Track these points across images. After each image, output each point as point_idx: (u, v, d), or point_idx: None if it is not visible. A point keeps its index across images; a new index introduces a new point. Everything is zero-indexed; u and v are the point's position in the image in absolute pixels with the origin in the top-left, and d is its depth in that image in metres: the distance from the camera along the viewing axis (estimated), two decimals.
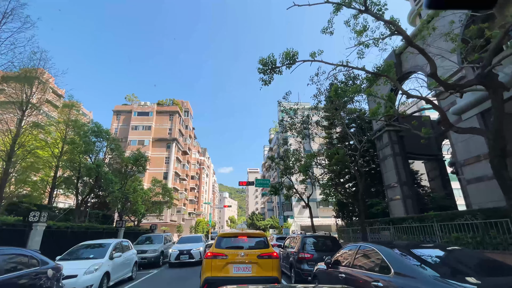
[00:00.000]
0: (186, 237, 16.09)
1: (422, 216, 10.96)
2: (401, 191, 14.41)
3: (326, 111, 15.27)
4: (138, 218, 24.99)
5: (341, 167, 11.65)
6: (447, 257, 3.60)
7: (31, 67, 14.66)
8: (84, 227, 13.49)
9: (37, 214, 9.77)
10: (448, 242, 9.17)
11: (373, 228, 13.65)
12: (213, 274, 5.68)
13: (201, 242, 14.77)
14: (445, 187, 18.90)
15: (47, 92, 16.62)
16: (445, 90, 5.82)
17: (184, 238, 15.48)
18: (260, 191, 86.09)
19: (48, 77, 18.53)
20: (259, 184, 25.20)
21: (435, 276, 2.78)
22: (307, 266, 7.61)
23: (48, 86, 17.67)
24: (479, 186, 9.86)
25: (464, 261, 3.47)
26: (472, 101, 9.87)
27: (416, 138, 16.91)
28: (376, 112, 7.92)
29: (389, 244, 3.92)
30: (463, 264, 3.37)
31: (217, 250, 6.02)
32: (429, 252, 3.68)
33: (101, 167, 14.00)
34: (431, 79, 9.66)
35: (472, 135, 10.18)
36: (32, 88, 15.22)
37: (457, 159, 10.90)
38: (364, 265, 3.96)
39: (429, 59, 5.36)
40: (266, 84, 7.07)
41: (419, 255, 3.51)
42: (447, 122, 6.07)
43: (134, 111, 52.77)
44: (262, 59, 6.67)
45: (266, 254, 5.98)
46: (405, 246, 3.79)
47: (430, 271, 2.98)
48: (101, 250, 8.76)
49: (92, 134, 15.35)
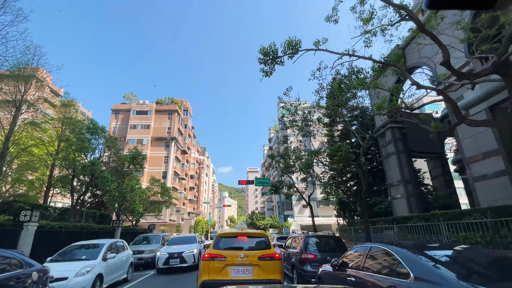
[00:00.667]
0: (178, 237, 13.67)
1: (428, 215, 10.64)
2: (404, 190, 14.07)
3: (328, 108, 14.90)
4: (136, 217, 24.61)
5: (343, 164, 11.27)
6: (470, 259, 3.23)
7: (24, 62, 14.27)
8: (79, 227, 13.10)
9: (28, 213, 9.37)
10: (455, 242, 8.84)
11: (376, 227, 13.33)
12: (210, 277, 5.30)
13: (195, 243, 12.56)
14: (448, 186, 18.61)
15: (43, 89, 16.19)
16: (458, 80, 5.45)
17: (175, 239, 13.24)
18: (260, 190, 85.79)
19: (46, 76, 18.15)
20: (259, 183, 24.84)
21: (465, 285, 2.41)
22: (310, 267, 7.24)
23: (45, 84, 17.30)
24: (487, 184, 9.53)
25: (490, 263, 3.10)
26: (481, 95, 9.52)
27: (419, 135, 16.69)
28: (381, 106, 7.54)
29: (405, 245, 3.54)
30: (489, 267, 3.01)
31: (215, 251, 5.64)
32: (450, 253, 3.32)
33: (96, 165, 13.56)
34: (439, 72, 9.33)
35: (481, 131, 9.85)
36: (27, 85, 14.81)
37: (464, 155, 10.56)
38: (377, 268, 3.58)
39: (441, 45, 4.98)
40: (267, 75, 6.69)
41: (440, 258, 3.14)
42: (460, 114, 5.70)
43: (133, 110, 52.28)
44: (262, 48, 6.27)
45: (267, 255, 5.61)
46: (423, 247, 3.42)
47: (453, 275, 2.61)
48: (94, 251, 8.37)
49: (87, 131, 14.91)
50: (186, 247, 11.62)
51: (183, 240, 13.02)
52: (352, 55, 6.00)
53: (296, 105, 15.34)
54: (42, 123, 17.66)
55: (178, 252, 11.08)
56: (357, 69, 10.71)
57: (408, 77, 5.68)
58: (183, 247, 11.66)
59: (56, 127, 17.80)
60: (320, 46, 6.20)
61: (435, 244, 3.75)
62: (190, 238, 13.32)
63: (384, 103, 7.66)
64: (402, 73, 5.75)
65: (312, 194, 20.64)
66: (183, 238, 13.51)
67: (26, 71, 14.49)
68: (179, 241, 12.67)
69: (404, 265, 3.05)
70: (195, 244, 12.27)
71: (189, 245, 11.97)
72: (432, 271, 2.77)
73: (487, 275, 2.83)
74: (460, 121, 5.77)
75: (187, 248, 11.56)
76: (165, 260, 10.81)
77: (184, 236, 14.19)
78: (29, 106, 15.72)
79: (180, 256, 10.97)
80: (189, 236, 14.30)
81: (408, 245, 3.57)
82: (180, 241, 12.67)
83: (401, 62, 5.94)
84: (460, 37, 7.83)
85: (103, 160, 18.57)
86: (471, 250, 3.72)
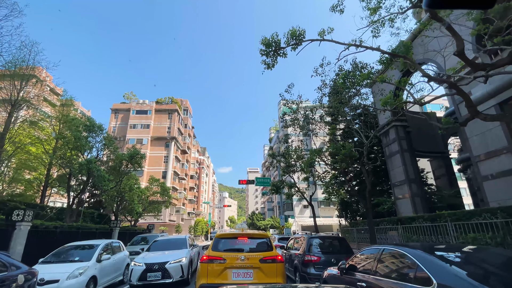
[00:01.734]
0: (163, 240, 10.26)
1: (434, 215, 10.31)
2: (409, 189, 13.73)
3: (330, 106, 14.59)
4: (135, 217, 24.29)
5: (347, 163, 10.94)
6: (496, 264, 2.89)
7: (20, 59, 13.97)
8: (75, 227, 12.76)
9: (21, 212, 9.04)
10: (464, 243, 8.53)
11: (380, 228, 13.02)
12: (209, 281, 4.97)
13: (185, 247, 9.36)
14: (451, 186, 18.30)
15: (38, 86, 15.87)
16: (473, 71, 5.12)
17: (159, 243, 9.82)
18: (260, 190, 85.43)
19: (46, 75, 17.87)
20: (259, 183, 24.50)
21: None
22: (314, 269, 6.90)
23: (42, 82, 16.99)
24: (497, 183, 9.18)
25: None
26: (490, 91, 9.20)
27: (422, 134, 16.38)
28: (387, 101, 7.21)
29: (424, 248, 3.21)
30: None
31: (214, 253, 5.31)
32: (473, 257, 2.99)
33: (92, 163, 13.23)
34: (448, 66, 9.00)
35: (490, 128, 9.52)
36: (23, 82, 14.51)
37: (472, 154, 10.22)
38: (392, 273, 3.25)
39: (455, 34, 4.67)
40: (269, 68, 6.36)
41: (463, 262, 2.81)
42: (474, 108, 5.37)
43: (133, 109, 52.01)
44: (264, 38, 5.94)
45: (269, 257, 5.28)
46: (443, 250, 3.09)
47: (478, 283, 2.28)
48: (89, 251, 8.04)
49: (84, 129, 14.57)
50: (172, 255, 8.45)
51: (168, 244, 9.74)
52: (359, 46, 5.66)
53: (298, 102, 15.02)
54: (39, 121, 17.37)
55: (160, 262, 7.98)
56: (361, 65, 10.40)
57: (418, 69, 5.36)
58: (168, 254, 8.57)
59: (53, 125, 17.52)
60: (325, 37, 5.88)
61: (455, 246, 3.41)
62: (178, 242, 9.90)
63: (391, 98, 7.34)
64: (413, 65, 5.43)
65: (314, 194, 20.29)
66: (169, 241, 10.12)
67: (22, 67, 14.20)
68: (163, 246, 9.51)
69: (424, 270, 2.71)
70: (184, 250, 9.02)
71: (175, 252, 8.77)
72: (458, 278, 2.44)
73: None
74: (473, 116, 5.44)
75: (173, 256, 8.38)
76: (141, 274, 7.72)
77: (170, 239, 10.57)
78: (25, 104, 15.44)
79: (162, 268, 7.87)
80: (177, 238, 10.46)
81: (427, 248, 3.23)
82: (165, 246, 9.52)
83: (410, 53, 5.61)
84: (469, 30, 7.52)
85: (101, 159, 18.28)
86: (493, 253, 3.38)
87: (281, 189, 20.10)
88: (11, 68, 13.95)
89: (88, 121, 15.12)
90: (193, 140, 70.67)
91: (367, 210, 11.17)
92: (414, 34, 10.19)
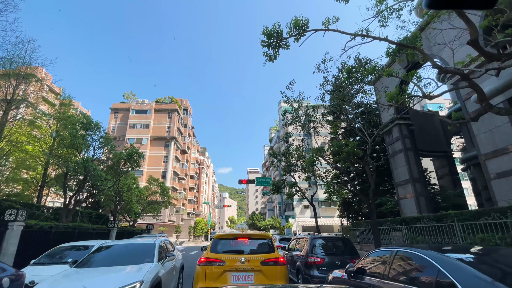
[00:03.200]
0: (114, 248, 5.67)
1: (440, 215, 10.01)
2: (413, 189, 13.44)
3: (332, 105, 14.30)
4: (133, 218, 23.98)
5: (350, 161, 10.64)
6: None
7: (17, 55, 13.69)
8: (71, 227, 12.46)
9: (14, 212, 8.75)
10: (471, 244, 8.23)
11: (383, 228, 12.73)
12: (207, 285, 4.67)
13: (149, 261, 4.95)
14: (455, 185, 18.04)
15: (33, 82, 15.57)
16: (487, 61, 4.83)
17: (103, 254, 5.43)
18: (260, 191, 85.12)
19: (46, 75, 17.57)
20: (260, 183, 24.20)
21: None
22: (318, 272, 6.59)
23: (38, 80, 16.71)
24: (507, 181, 8.88)
25: None
26: (499, 86, 8.90)
27: (425, 133, 16.09)
28: (393, 96, 6.91)
29: (443, 250, 2.91)
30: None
31: (212, 254, 5.01)
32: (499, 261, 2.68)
33: (88, 162, 12.92)
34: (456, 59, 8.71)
35: (498, 125, 9.22)
36: (18, 79, 14.22)
37: (479, 152, 9.92)
38: (408, 278, 2.94)
39: (468, 21, 4.37)
40: (271, 60, 6.08)
41: (489, 266, 2.51)
42: (487, 102, 5.09)
43: (132, 109, 51.73)
44: (265, 28, 5.66)
45: (271, 259, 4.98)
46: (465, 251, 2.79)
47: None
48: (84, 253, 7.70)
49: (80, 127, 14.27)
50: (115, 277, 4.19)
51: (120, 254, 5.36)
52: (366, 36, 5.35)
53: (299, 100, 14.74)
54: (36, 119, 17.08)
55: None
56: (365, 60, 10.12)
57: (429, 59, 5.09)
58: (109, 276, 4.32)
59: (51, 124, 17.22)
60: (330, 27, 5.60)
61: (477, 247, 3.10)
62: (139, 250, 5.48)
63: (397, 93, 7.04)
64: (422, 55, 5.15)
65: (315, 194, 19.98)
66: (125, 249, 5.72)
67: (18, 66, 13.93)
68: (109, 259, 5.16)
69: (447, 275, 2.41)
70: (145, 266, 4.63)
71: (126, 271, 4.47)
72: (488, 285, 2.14)
73: None
74: (487, 110, 5.15)
75: (116, 280, 4.04)
76: None
77: (128, 244, 5.95)
78: (22, 102, 15.15)
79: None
80: (140, 244, 5.84)
81: (447, 250, 2.93)
82: (113, 258, 5.14)
83: (419, 43, 5.33)
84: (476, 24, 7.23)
85: (99, 158, 17.98)
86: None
87: (281, 189, 19.81)
88: (6, 65, 13.66)
89: (84, 119, 14.81)
90: (193, 140, 70.37)
91: (371, 210, 10.87)
92: (421, 27, 9.90)
